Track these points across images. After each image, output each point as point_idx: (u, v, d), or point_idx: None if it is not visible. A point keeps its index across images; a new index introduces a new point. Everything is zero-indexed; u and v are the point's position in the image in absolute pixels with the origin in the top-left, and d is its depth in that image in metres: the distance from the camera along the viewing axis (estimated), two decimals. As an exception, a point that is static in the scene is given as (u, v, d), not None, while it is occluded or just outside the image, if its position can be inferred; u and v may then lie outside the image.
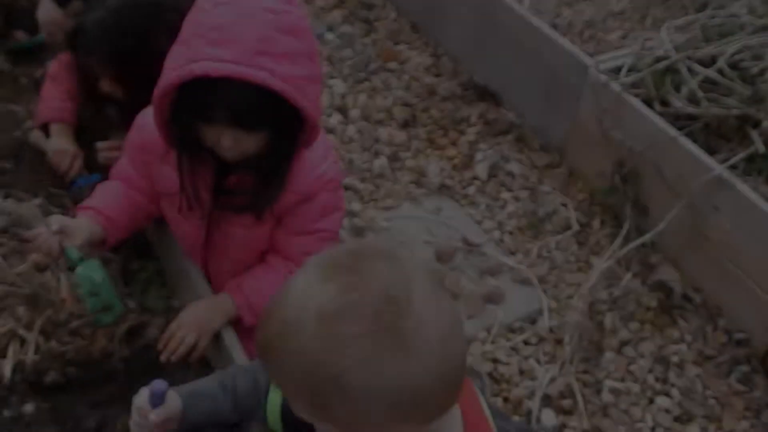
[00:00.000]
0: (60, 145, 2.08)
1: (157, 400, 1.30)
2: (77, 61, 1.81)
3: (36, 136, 2.20)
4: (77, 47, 1.77)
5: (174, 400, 1.33)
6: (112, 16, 1.65)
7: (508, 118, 3.11)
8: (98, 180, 2.01)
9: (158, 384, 1.30)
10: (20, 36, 2.62)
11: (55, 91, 2.14)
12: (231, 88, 1.30)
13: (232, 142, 1.41)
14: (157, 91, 1.37)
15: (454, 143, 3.05)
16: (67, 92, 2.12)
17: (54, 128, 2.12)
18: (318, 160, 1.57)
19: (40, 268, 1.84)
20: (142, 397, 1.31)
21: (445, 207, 2.80)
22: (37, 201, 2.00)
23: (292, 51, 1.31)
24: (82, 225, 1.67)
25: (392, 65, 3.38)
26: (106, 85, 1.77)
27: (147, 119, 1.54)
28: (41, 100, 2.16)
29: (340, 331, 0.80)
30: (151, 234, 2.01)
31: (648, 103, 2.62)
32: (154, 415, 1.29)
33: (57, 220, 1.63)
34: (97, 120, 2.15)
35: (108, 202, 1.73)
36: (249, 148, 1.44)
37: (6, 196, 2.01)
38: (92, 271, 1.64)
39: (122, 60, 1.66)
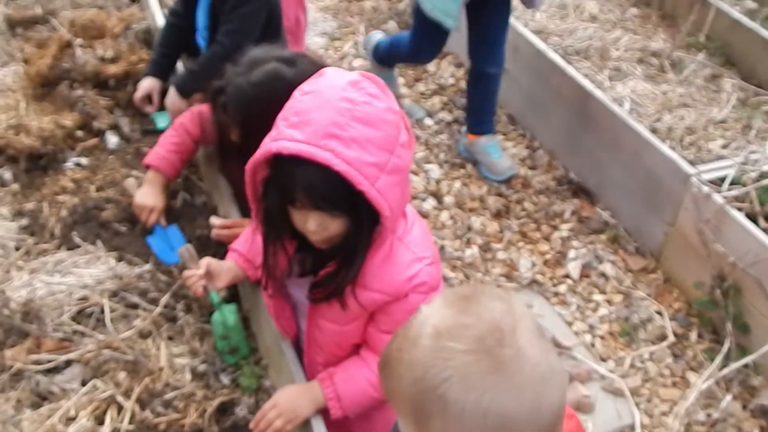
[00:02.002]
0: (143, 197, 2.20)
1: None
2: (215, 112, 1.94)
3: (129, 183, 2.30)
4: (217, 102, 1.89)
5: None
6: (253, 89, 1.79)
7: (603, 218, 3.06)
8: (175, 231, 2.19)
9: None
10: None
11: (168, 140, 2.27)
12: (305, 169, 1.36)
13: (316, 226, 1.45)
14: (247, 167, 1.45)
15: (546, 238, 3.01)
16: (176, 145, 2.26)
17: (148, 175, 2.24)
18: (410, 261, 1.55)
19: (143, 335, 1.86)
20: None
21: (536, 304, 2.74)
22: (147, 266, 2.04)
23: (363, 138, 1.36)
24: (227, 268, 1.86)
25: (488, 154, 3.38)
26: (235, 136, 1.91)
27: None
28: (157, 144, 2.30)
29: (448, 346, 0.90)
30: (246, 310, 2.02)
31: (752, 218, 2.54)
32: None
33: (206, 264, 1.82)
34: (224, 163, 2.24)
35: (250, 245, 1.87)
36: (333, 234, 1.47)
37: (119, 260, 2.07)
38: (227, 316, 1.86)
39: (250, 123, 1.80)
